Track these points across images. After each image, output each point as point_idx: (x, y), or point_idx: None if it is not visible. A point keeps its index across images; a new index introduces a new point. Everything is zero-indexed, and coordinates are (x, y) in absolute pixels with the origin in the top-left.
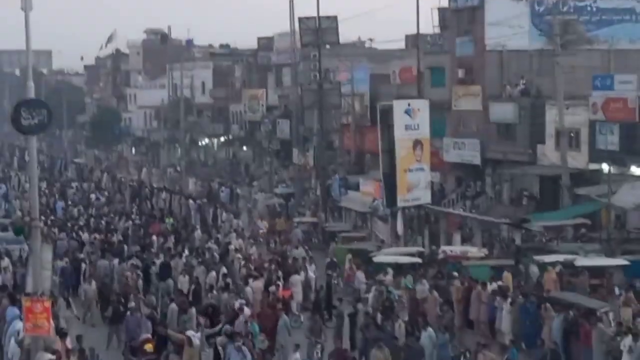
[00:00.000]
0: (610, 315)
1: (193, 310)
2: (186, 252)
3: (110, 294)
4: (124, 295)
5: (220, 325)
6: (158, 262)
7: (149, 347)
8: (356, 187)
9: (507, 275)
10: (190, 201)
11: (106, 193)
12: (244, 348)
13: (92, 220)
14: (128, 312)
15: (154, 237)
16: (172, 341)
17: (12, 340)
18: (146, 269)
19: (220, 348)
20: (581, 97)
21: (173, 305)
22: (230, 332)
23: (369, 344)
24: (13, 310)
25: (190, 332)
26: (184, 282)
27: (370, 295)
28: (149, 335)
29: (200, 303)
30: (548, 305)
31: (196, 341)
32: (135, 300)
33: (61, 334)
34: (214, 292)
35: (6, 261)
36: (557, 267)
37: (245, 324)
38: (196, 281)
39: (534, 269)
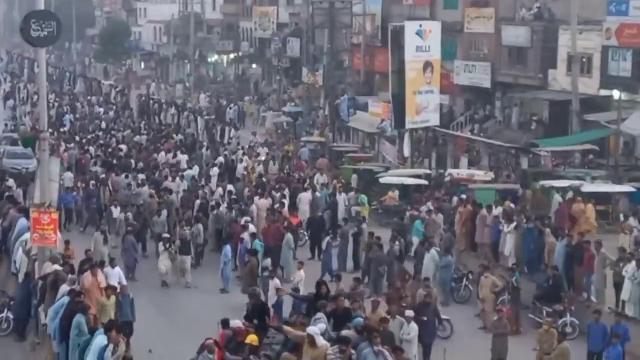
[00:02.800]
0: None
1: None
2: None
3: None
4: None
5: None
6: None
7: (253, 340)
8: (365, 108)
9: (528, 192)
10: (199, 118)
11: (114, 107)
12: (385, 353)
13: (100, 134)
14: None
15: (163, 153)
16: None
17: (20, 250)
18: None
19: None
20: (595, 22)
21: None
22: (362, 328)
23: (372, 264)
24: (22, 221)
25: (313, 329)
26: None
27: None
28: (241, 325)
29: (208, 217)
30: (547, 230)
31: (321, 341)
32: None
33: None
34: (221, 209)
35: (11, 182)
36: (569, 193)
37: (252, 237)
38: (203, 195)
39: (557, 198)
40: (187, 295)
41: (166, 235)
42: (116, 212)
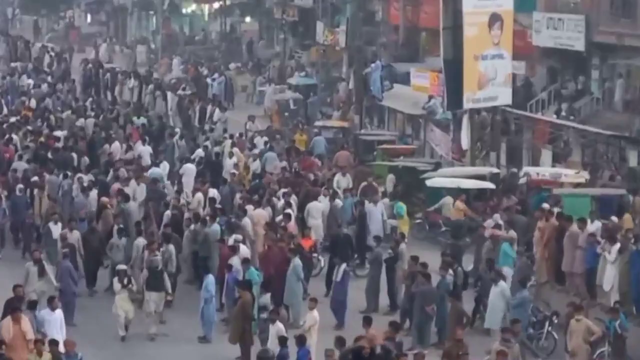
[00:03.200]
0: None
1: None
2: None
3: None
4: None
5: None
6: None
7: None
8: (405, 80)
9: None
10: (169, 93)
11: (49, 78)
12: None
13: (29, 115)
14: None
15: (117, 144)
16: None
17: None
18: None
19: None
20: None
21: None
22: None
23: (416, 302)
24: None
25: None
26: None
27: None
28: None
29: (181, 235)
30: None
31: None
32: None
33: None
34: (200, 223)
35: None
36: None
37: (244, 264)
38: (176, 204)
39: None
40: (154, 348)
41: (122, 267)
42: (56, 229)
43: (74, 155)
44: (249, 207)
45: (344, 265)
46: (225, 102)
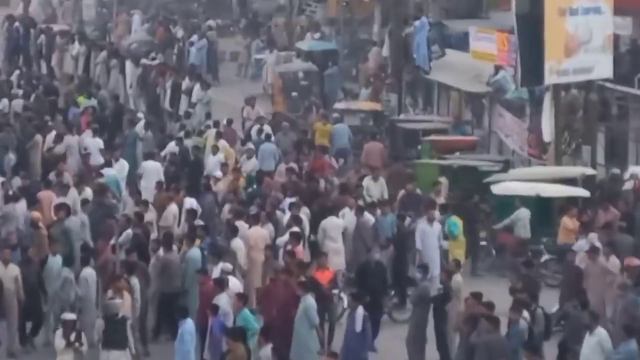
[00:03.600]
0: None
1: None
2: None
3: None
4: None
5: None
6: None
7: None
8: (461, 44)
9: None
10: (129, 63)
11: None
12: None
13: None
14: None
15: (54, 134)
16: None
17: None
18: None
19: None
20: None
21: None
22: None
23: (477, 355)
24: None
25: None
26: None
27: None
28: None
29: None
30: None
31: None
32: None
33: None
34: (173, 248)
35: None
36: None
37: (237, 304)
38: (138, 220)
39: None
40: None
41: (69, 316)
42: None
43: None
44: (242, 224)
45: (360, 310)
46: (207, 76)
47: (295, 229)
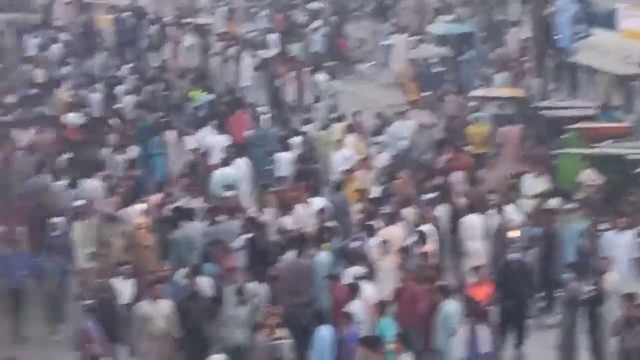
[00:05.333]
0: None
1: None
2: None
3: None
4: None
5: None
6: None
7: None
8: (607, 22)
9: None
10: (246, 53)
11: (62, 36)
12: None
13: None
14: None
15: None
16: None
17: None
18: None
19: None
20: None
21: None
22: None
23: None
24: None
25: None
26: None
27: None
28: None
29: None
30: None
31: None
32: None
33: None
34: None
35: None
36: None
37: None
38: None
39: None
40: None
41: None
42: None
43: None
44: (377, 224)
45: (484, 329)
46: (331, 65)
47: (422, 227)
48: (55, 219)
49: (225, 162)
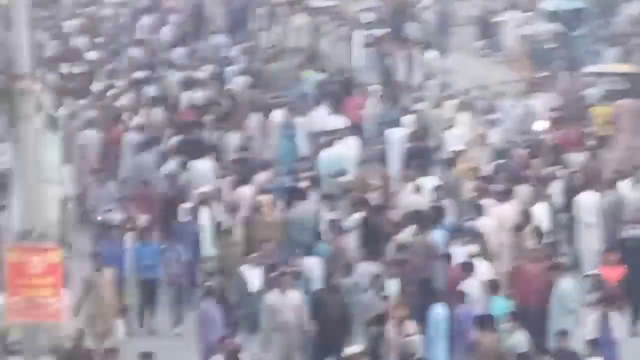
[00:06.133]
0: None
1: None
2: None
3: None
4: None
5: None
6: None
7: None
8: None
9: None
10: (358, 32)
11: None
12: None
13: None
14: None
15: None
16: None
17: None
18: None
19: None
20: None
21: None
22: None
23: None
24: None
25: None
26: None
27: None
28: None
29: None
30: None
31: None
32: None
33: None
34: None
35: None
36: None
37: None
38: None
39: None
40: None
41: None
42: None
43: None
44: (489, 202)
45: (617, 316)
46: (443, 42)
47: (538, 205)
48: (185, 205)
49: (332, 143)
